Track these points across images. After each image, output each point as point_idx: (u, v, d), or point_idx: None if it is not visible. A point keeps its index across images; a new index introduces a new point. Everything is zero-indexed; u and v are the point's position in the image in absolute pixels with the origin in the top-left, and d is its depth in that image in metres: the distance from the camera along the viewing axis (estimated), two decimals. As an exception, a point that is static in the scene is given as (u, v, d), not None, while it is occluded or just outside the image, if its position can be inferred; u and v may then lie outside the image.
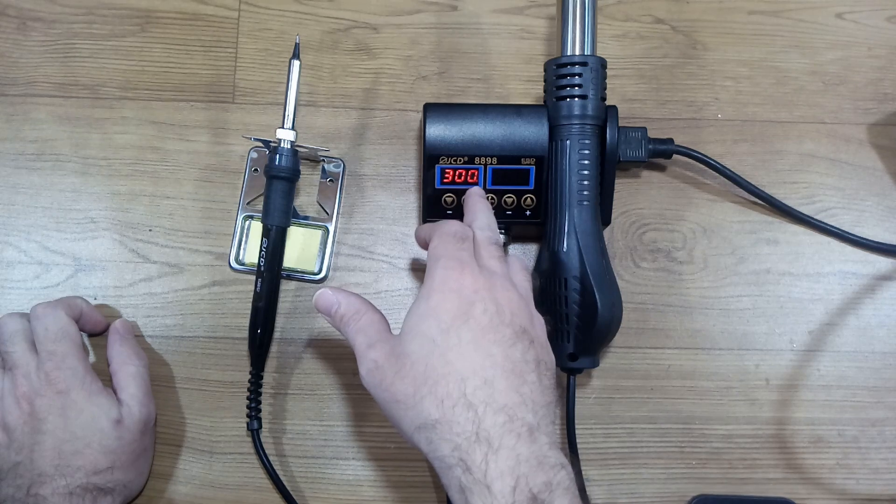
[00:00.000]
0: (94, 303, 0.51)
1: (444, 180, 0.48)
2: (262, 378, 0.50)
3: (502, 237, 0.50)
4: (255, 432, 0.49)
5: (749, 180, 0.52)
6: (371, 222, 0.53)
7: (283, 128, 0.48)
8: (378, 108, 0.54)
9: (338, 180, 0.53)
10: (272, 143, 0.49)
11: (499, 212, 0.49)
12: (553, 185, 0.48)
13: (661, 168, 0.54)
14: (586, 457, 0.50)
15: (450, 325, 0.38)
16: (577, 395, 0.50)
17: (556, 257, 0.47)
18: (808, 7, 0.57)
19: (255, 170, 0.53)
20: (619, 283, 0.48)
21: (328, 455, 0.50)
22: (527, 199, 0.49)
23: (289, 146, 0.48)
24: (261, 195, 0.51)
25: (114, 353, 0.49)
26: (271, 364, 0.51)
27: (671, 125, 0.55)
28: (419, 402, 0.37)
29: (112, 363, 0.48)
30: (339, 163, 0.53)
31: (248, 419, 0.49)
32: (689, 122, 0.55)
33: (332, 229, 0.52)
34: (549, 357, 0.41)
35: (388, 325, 0.41)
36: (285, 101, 0.48)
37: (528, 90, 0.55)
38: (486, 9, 0.56)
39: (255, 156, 0.53)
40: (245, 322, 0.50)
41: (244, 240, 0.52)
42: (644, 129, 0.50)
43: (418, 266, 0.53)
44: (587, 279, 0.46)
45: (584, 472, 0.49)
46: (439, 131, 0.48)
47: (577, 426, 0.49)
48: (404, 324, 0.39)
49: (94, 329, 0.50)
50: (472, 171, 0.48)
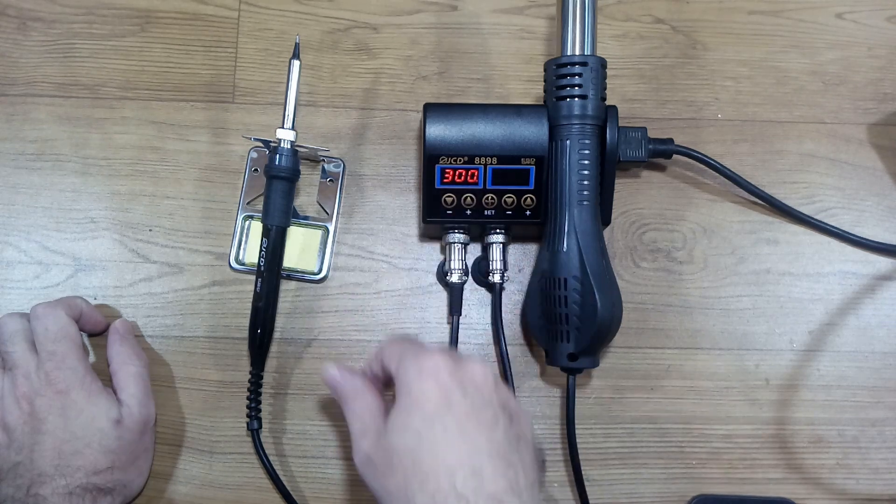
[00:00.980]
0: (94, 303, 0.51)
1: (444, 180, 0.48)
2: (262, 378, 0.50)
3: (500, 244, 0.50)
4: (255, 432, 0.49)
5: (749, 180, 0.52)
6: (371, 222, 0.53)
7: (283, 128, 0.48)
8: (378, 108, 0.54)
9: (338, 180, 0.53)
10: (272, 143, 0.49)
11: (499, 212, 0.49)
12: (553, 185, 0.48)
13: (661, 168, 0.54)
14: (586, 457, 0.50)
15: (433, 416, 0.38)
16: (577, 395, 0.50)
17: (556, 257, 0.47)
18: (808, 7, 0.57)
19: (255, 170, 0.53)
20: (619, 283, 0.48)
21: (328, 455, 0.50)
22: (527, 199, 0.49)
23: (289, 146, 0.48)
24: (261, 195, 0.51)
25: (114, 353, 0.49)
26: (271, 364, 0.51)
27: (671, 125, 0.55)
28: (411, 498, 0.37)
29: (112, 363, 0.48)
30: (339, 163, 0.53)
31: (248, 419, 0.49)
32: (689, 122, 0.55)
33: (332, 229, 0.52)
34: (527, 428, 0.41)
35: (384, 410, 0.41)
36: (285, 101, 0.48)
37: (528, 90, 0.55)
38: (486, 9, 0.56)
39: (255, 156, 0.53)
40: (245, 322, 0.50)
41: (244, 240, 0.52)
42: (644, 129, 0.50)
43: (418, 266, 0.53)
44: (587, 279, 0.46)
45: (584, 472, 0.49)
46: (439, 131, 0.48)
47: (577, 426, 0.49)
48: (390, 418, 0.39)
49: (94, 329, 0.50)
50: (472, 171, 0.48)
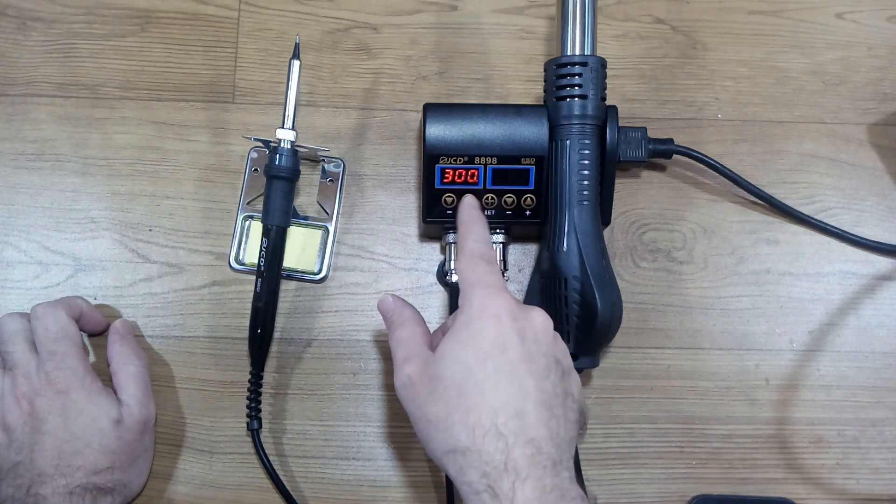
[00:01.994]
0: (94, 303, 0.51)
1: (444, 180, 0.48)
2: (262, 378, 0.50)
3: (500, 244, 0.50)
4: (255, 432, 0.49)
5: (749, 180, 0.52)
6: (371, 222, 0.53)
7: (283, 128, 0.48)
8: (378, 108, 0.54)
9: (338, 180, 0.53)
10: (272, 143, 0.49)
11: (499, 212, 0.49)
12: (553, 185, 0.48)
13: (661, 168, 0.54)
14: (586, 457, 0.50)
15: (487, 354, 0.38)
16: (577, 395, 0.50)
17: (556, 257, 0.47)
18: (808, 7, 0.57)
19: (255, 170, 0.53)
20: (619, 283, 0.48)
21: (328, 455, 0.50)
22: (527, 199, 0.49)
23: (289, 146, 0.48)
24: (261, 195, 0.51)
25: (114, 353, 0.49)
26: (271, 364, 0.51)
27: (671, 125, 0.55)
28: (450, 427, 0.37)
29: (112, 363, 0.48)
30: (339, 163, 0.53)
31: (248, 419, 0.49)
32: (689, 122, 0.55)
33: (332, 229, 0.52)
34: (577, 387, 0.41)
35: (430, 342, 0.42)
36: (285, 101, 0.48)
37: (528, 90, 0.55)
38: (486, 9, 0.56)
39: (255, 156, 0.53)
40: (245, 322, 0.50)
41: (244, 240, 0.52)
42: (644, 129, 0.50)
43: (418, 266, 0.53)
44: (587, 279, 0.46)
45: (584, 472, 0.49)
46: (439, 131, 0.48)
47: (577, 426, 0.49)
48: (442, 346, 0.40)
49: (94, 329, 0.50)
50: (472, 171, 0.48)
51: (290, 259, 0.51)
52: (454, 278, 0.50)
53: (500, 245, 0.50)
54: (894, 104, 0.55)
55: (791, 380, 0.52)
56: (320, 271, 0.52)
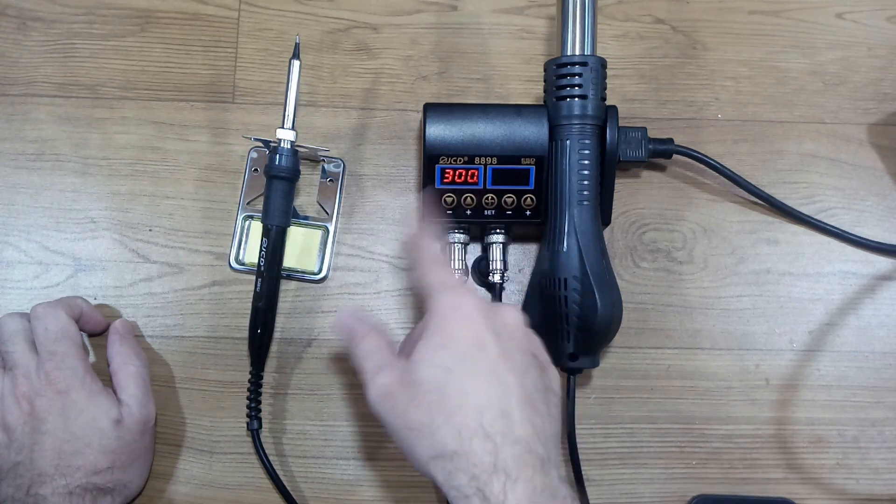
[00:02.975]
0: (94, 303, 0.51)
1: (444, 180, 0.48)
2: (262, 378, 0.50)
3: (500, 244, 0.50)
4: (255, 432, 0.49)
5: (749, 180, 0.52)
6: (371, 222, 0.53)
7: (283, 128, 0.48)
8: (378, 108, 0.54)
9: (338, 180, 0.53)
10: (272, 143, 0.49)
11: (499, 212, 0.49)
12: (553, 185, 0.48)
13: (661, 168, 0.54)
14: (586, 457, 0.50)
15: (465, 354, 0.38)
16: (577, 395, 0.50)
17: (556, 257, 0.47)
18: (808, 7, 0.57)
19: (255, 170, 0.53)
20: (619, 283, 0.48)
21: (328, 455, 0.50)
22: (527, 199, 0.49)
23: (289, 146, 0.48)
24: (261, 195, 0.51)
25: (114, 353, 0.49)
26: (271, 364, 0.51)
27: (671, 125, 0.55)
28: (435, 431, 0.36)
29: (112, 363, 0.48)
30: (339, 163, 0.53)
31: (248, 419, 0.49)
32: (689, 122, 0.55)
33: (332, 229, 0.52)
34: (556, 381, 0.41)
35: (395, 351, 0.41)
36: (285, 101, 0.48)
37: (528, 90, 0.55)
38: (486, 9, 0.56)
39: (255, 156, 0.53)
40: (245, 322, 0.50)
41: (244, 240, 0.52)
42: (644, 129, 0.50)
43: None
44: (587, 279, 0.46)
45: (584, 472, 0.49)
46: (439, 131, 0.48)
47: (577, 426, 0.49)
48: (416, 352, 0.39)
49: (94, 329, 0.50)
50: (472, 170, 0.48)
51: (290, 259, 0.51)
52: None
53: (501, 245, 0.50)
54: (894, 104, 0.55)
55: (791, 380, 0.52)
56: (320, 271, 0.52)
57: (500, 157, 0.48)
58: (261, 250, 0.49)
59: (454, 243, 0.50)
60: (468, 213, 0.49)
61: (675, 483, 0.51)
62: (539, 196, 0.49)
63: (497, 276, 0.50)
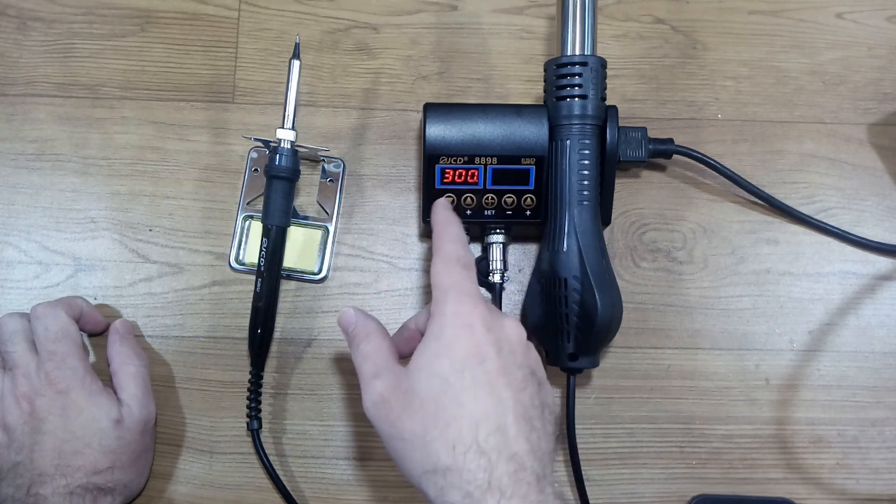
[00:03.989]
0: (94, 303, 0.51)
1: (444, 180, 0.48)
2: (262, 378, 0.50)
3: (500, 244, 0.50)
4: (255, 432, 0.49)
5: (749, 180, 0.52)
6: (371, 222, 0.53)
7: (283, 128, 0.48)
8: (378, 108, 0.54)
9: (338, 180, 0.53)
10: (272, 143, 0.49)
11: (499, 212, 0.49)
12: (553, 185, 0.48)
13: (661, 168, 0.54)
14: (586, 457, 0.50)
15: (464, 365, 0.37)
16: (577, 395, 0.50)
17: (556, 257, 0.47)
18: (808, 7, 0.57)
19: (255, 170, 0.53)
20: (619, 283, 0.48)
21: (328, 455, 0.50)
22: (527, 199, 0.49)
23: (289, 146, 0.48)
24: (261, 195, 0.51)
25: (114, 353, 0.49)
26: (271, 364, 0.51)
27: (671, 125, 0.55)
28: (428, 444, 0.36)
29: (112, 363, 0.48)
30: (339, 163, 0.53)
31: (248, 419, 0.49)
32: (689, 122, 0.55)
33: (332, 229, 0.52)
34: (552, 398, 0.40)
35: (396, 354, 0.40)
36: (285, 101, 0.48)
37: (528, 90, 0.55)
38: (486, 9, 0.56)
39: (255, 156, 0.53)
40: (245, 322, 0.50)
41: (244, 240, 0.52)
42: (644, 129, 0.50)
43: (418, 266, 0.53)
44: (587, 279, 0.46)
45: (584, 472, 0.49)
46: (439, 131, 0.48)
47: (577, 426, 0.49)
48: (414, 359, 0.38)
49: (95, 329, 0.50)
50: (472, 171, 0.48)
51: (290, 259, 0.51)
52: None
53: (501, 245, 0.50)
54: (894, 104, 0.55)
55: (791, 380, 0.52)
56: (320, 271, 0.52)
57: (500, 157, 0.48)
58: (261, 250, 0.49)
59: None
60: (468, 213, 0.49)
61: (675, 483, 0.51)
62: (539, 196, 0.49)
63: (497, 276, 0.50)
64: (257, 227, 0.52)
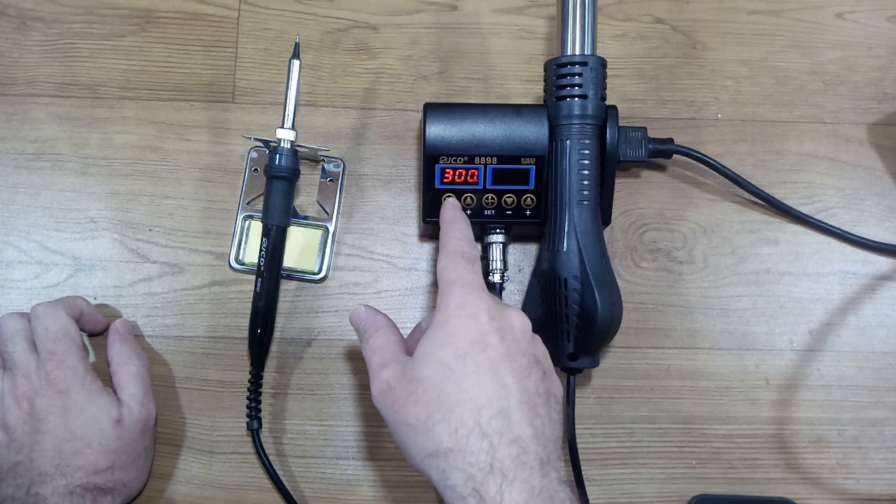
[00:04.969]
0: (94, 303, 0.51)
1: (444, 180, 0.48)
2: (262, 378, 0.50)
3: (500, 244, 0.50)
4: (255, 432, 0.49)
5: (749, 180, 0.52)
6: (371, 222, 0.53)
7: (283, 128, 0.48)
8: (378, 108, 0.54)
9: (338, 180, 0.53)
10: (272, 143, 0.49)
11: (499, 212, 0.49)
12: (553, 184, 0.48)
13: (661, 168, 0.54)
14: (586, 457, 0.50)
15: (466, 352, 0.37)
16: (577, 395, 0.50)
17: (556, 257, 0.47)
18: (808, 7, 0.57)
19: (255, 170, 0.53)
20: (619, 283, 0.48)
21: (328, 455, 0.50)
22: (527, 199, 0.49)
23: (289, 146, 0.48)
24: (261, 195, 0.51)
25: (114, 353, 0.49)
26: (271, 364, 0.51)
27: (671, 125, 0.55)
28: (431, 428, 0.36)
29: (112, 363, 0.48)
30: (339, 163, 0.53)
31: (248, 419, 0.49)
32: (689, 122, 0.55)
33: (332, 229, 0.52)
34: (558, 389, 0.41)
35: (405, 348, 0.41)
36: (285, 100, 0.48)
37: (528, 90, 0.55)
38: (486, 9, 0.56)
39: (255, 156, 0.53)
40: (245, 322, 0.50)
41: (244, 240, 0.52)
42: (644, 129, 0.50)
43: (418, 266, 0.53)
44: (587, 279, 0.46)
45: (584, 472, 0.49)
46: (439, 131, 0.48)
47: (577, 426, 0.49)
48: (419, 348, 0.39)
49: (94, 329, 0.50)
50: (472, 170, 0.48)
51: (290, 259, 0.51)
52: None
53: (501, 245, 0.50)
54: (894, 104, 0.55)
55: (791, 380, 0.52)
56: (320, 271, 0.52)
57: (500, 157, 0.48)
58: (261, 250, 0.49)
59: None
60: (468, 213, 0.49)
61: (675, 483, 0.51)
62: (539, 196, 0.49)
63: (497, 276, 0.50)
64: (257, 227, 0.52)
